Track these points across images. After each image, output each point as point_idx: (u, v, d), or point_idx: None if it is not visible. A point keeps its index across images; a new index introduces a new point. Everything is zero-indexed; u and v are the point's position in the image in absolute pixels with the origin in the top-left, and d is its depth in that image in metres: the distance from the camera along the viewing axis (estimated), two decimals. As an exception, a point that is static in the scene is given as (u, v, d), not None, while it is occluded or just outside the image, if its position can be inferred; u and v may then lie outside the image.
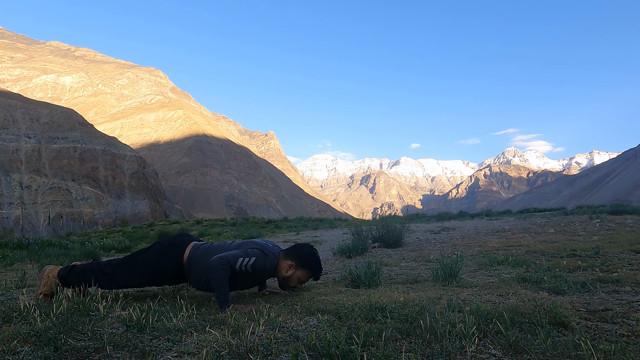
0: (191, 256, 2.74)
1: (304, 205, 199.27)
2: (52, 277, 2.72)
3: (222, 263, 2.51)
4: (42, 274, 2.75)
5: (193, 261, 2.72)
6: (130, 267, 2.74)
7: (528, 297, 2.44)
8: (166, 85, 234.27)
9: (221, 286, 2.46)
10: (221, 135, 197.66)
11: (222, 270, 2.49)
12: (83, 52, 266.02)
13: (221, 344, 1.70)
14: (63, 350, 1.62)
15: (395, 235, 6.59)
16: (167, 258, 2.72)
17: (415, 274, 3.70)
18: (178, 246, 2.77)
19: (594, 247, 4.55)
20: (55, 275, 2.73)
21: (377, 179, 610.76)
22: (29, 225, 61.85)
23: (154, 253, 2.76)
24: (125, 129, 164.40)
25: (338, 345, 1.54)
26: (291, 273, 2.79)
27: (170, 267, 2.72)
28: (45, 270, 2.75)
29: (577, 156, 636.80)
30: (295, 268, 2.79)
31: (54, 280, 2.71)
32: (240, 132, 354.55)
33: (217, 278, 2.47)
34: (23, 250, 7.99)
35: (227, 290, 2.47)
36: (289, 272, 2.79)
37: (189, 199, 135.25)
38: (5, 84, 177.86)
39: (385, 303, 2.26)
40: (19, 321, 2.02)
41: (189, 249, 2.77)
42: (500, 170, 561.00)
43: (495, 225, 9.73)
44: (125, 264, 2.76)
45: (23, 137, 75.94)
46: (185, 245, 2.79)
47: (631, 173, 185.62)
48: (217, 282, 2.47)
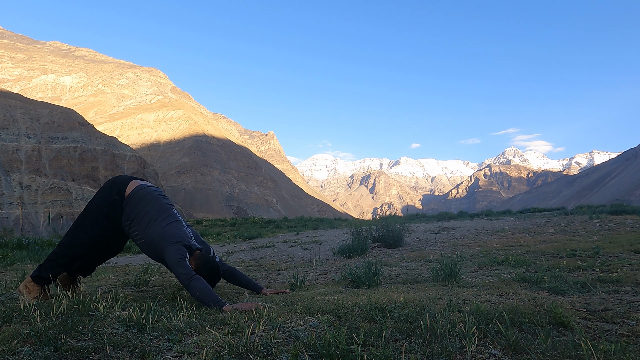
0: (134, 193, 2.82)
1: (304, 205, 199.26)
2: (29, 284, 2.73)
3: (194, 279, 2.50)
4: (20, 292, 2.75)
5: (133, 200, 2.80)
6: (87, 220, 2.81)
7: (528, 297, 2.43)
8: (166, 85, 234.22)
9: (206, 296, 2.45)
10: (221, 135, 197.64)
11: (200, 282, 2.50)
12: (83, 52, 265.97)
13: (221, 344, 1.70)
14: (63, 350, 1.62)
15: (395, 235, 6.59)
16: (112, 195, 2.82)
17: (415, 274, 3.70)
18: (120, 182, 2.90)
19: (594, 247, 4.55)
20: (29, 281, 2.74)
21: (377, 179, 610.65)
22: (29, 225, 61.85)
23: (99, 194, 2.88)
24: (125, 129, 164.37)
25: (338, 345, 1.54)
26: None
27: (117, 203, 2.80)
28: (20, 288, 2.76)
29: (577, 156, 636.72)
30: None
31: (31, 285, 2.72)
32: (240, 132, 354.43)
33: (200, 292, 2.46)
34: (23, 250, 7.99)
35: (213, 294, 2.47)
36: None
37: (189, 199, 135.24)
38: (5, 84, 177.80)
39: (385, 303, 2.26)
40: (19, 321, 2.01)
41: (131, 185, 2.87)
42: (500, 170, 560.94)
43: (495, 225, 9.73)
44: (82, 221, 2.83)
45: (23, 137, 75.93)
46: (127, 181, 2.91)
47: (631, 173, 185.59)
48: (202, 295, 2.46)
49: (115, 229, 2.87)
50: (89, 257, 2.87)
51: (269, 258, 6.18)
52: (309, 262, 5.23)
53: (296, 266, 4.93)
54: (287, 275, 3.98)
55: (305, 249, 7.18)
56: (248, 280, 3.08)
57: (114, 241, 3.00)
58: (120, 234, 2.95)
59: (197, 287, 2.47)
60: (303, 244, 8.20)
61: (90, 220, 2.81)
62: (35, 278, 2.73)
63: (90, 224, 2.80)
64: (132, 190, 2.84)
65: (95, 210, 2.82)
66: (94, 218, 2.80)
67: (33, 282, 2.73)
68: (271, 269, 4.70)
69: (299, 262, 5.35)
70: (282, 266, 4.96)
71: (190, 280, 2.50)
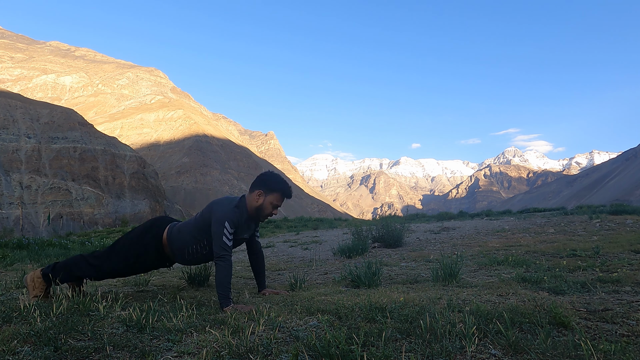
0: (170, 234, 2.83)
1: (304, 205, 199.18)
2: (37, 278, 2.71)
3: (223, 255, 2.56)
4: (26, 282, 2.74)
5: (172, 238, 2.80)
6: (116, 253, 2.79)
7: (528, 297, 2.43)
8: (166, 85, 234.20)
9: (225, 281, 2.50)
10: (221, 135, 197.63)
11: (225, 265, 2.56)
12: (83, 52, 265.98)
13: (221, 344, 1.70)
14: (63, 350, 1.62)
15: (395, 235, 6.58)
16: (148, 238, 2.82)
17: (415, 274, 3.70)
18: (157, 226, 2.89)
19: (594, 247, 4.54)
20: (38, 276, 2.72)
21: (377, 179, 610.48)
22: (29, 225, 61.85)
23: (136, 235, 2.86)
24: (125, 129, 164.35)
25: (338, 345, 1.54)
26: (262, 201, 2.81)
27: (152, 247, 2.80)
28: (27, 279, 2.74)
29: (577, 156, 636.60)
30: (264, 195, 2.81)
31: (39, 281, 2.71)
32: (240, 132, 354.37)
33: (222, 275, 2.53)
34: (23, 250, 7.99)
35: (229, 287, 2.52)
36: (259, 201, 2.81)
37: (189, 199, 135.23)
38: (5, 84, 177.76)
39: (385, 303, 2.26)
40: (19, 321, 2.01)
41: (167, 229, 2.87)
42: (500, 170, 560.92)
43: (495, 225, 9.73)
44: (111, 250, 2.81)
45: (23, 137, 75.93)
46: (164, 225, 2.91)
47: (631, 173, 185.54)
48: (222, 277, 2.51)
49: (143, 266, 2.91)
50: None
51: (269, 258, 6.18)
52: (309, 262, 5.23)
53: (296, 266, 4.93)
54: (287, 275, 3.98)
55: (305, 249, 7.18)
56: (262, 273, 3.13)
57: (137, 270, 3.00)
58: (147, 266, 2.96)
59: (220, 271, 2.54)
60: (303, 244, 8.20)
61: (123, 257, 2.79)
62: (45, 276, 2.71)
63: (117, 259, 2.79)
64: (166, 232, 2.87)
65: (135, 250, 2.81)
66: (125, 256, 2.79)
67: (42, 279, 2.71)
68: (271, 269, 4.70)
69: (299, 262, 5.34)
70: (282, 266, 4.96)
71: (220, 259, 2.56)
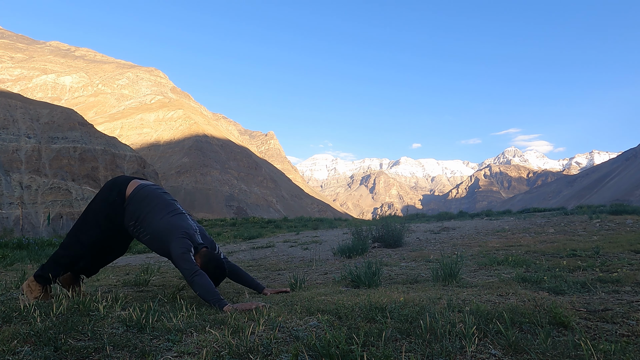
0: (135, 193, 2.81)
1: (304, 205, 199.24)
2: (32, 283, 2.73)
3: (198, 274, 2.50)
4: (23, 291, 2.75)
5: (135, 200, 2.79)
6: (88, 221, 2.81)
7: (528, 297, 2.43)
8: (166, 85, 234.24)
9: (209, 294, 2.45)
10: (221, 135, 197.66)
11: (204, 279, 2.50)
12: (83, 52, 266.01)
13: (221, 344, 1.70)
14: (63, 350, 1.62)
15: (395, 235, 6.58)
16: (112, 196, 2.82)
17: (415, 274, 3.70)
18: (120, 183, 2.89)
19: (594, 247, 4.55)
20: (32, 280, 2.74)
21: (377, 179, 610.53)
22: (29, 225, 61.84)
23: (99, 196, 2.88)
24: (125, 129, 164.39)
25: (338, 345, 1.54)
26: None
27: (118, 204, 2.80)
28: (24, 287, 2.76)
29: (577, 156, 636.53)
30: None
31: (34, 284, 2.72)
32: (240, 132, 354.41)
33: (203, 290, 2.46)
34: (23, 250, 8.00)
35: (215, 292, 2.46)
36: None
37: (189, 199, 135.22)
38: (5, 84, 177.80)
39: (385, 303, 2.26)
40: (19, 321, 2.01)
41: (134, 187, 2.86)
42: (500, 170, 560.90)
43: (495, 225, 9.73)
44: (82, 222, 2.82)
45: (23, 137, 75.94)
46: (126, 182, 2.90)
47: (631, 173, 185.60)
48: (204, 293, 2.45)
49: (118, 230, 2.87)
50: (90, 258, 2.86)
51: (269, 258, 6.18)
52: (309, 262, 5.23)
53: (296, 266, 4.93)
54: (287, 275, 3.98)
55: (305, 249, 7.18)
56: (251, 280, 3.07)
57: (117, 242, 2.99)
58: (123, 235, 2.94)
59: (200, 283, 2.47)
60: (303, 244, 8.20)
61: (90, 222, 2.80)
62: (37, 277, 2.73)
63: (90, 226, 2.79)
64: (133, 190, 2.83)
65: (96, 211, 2.82)
66: (94, 219, 2.80)
67: (35, 282, 2.73)
68: (271, 269, 4.70)
69: (299, 262, 5.34)
70: (282, 266, 4.96)
71: (194, 276, 2.49)
